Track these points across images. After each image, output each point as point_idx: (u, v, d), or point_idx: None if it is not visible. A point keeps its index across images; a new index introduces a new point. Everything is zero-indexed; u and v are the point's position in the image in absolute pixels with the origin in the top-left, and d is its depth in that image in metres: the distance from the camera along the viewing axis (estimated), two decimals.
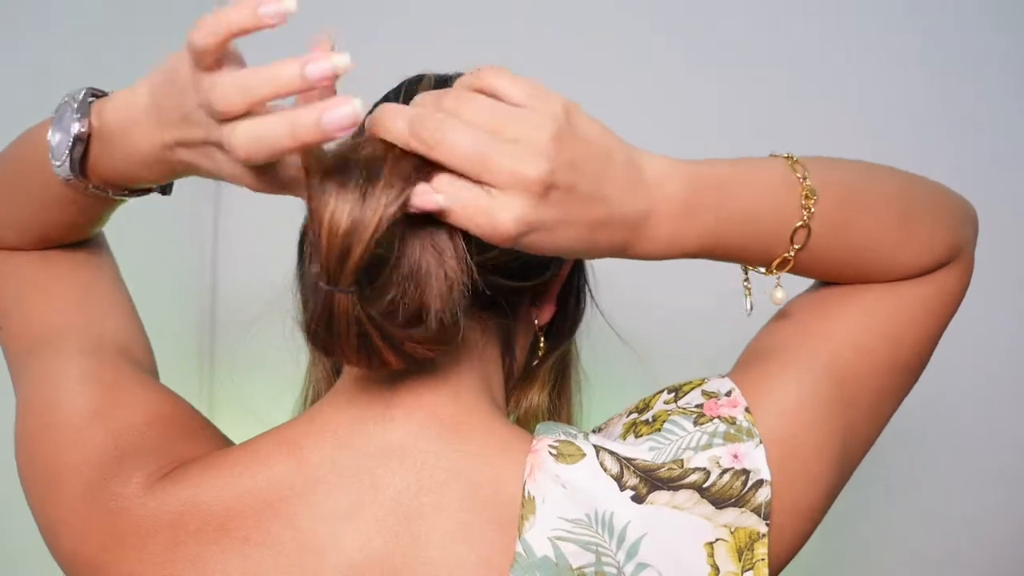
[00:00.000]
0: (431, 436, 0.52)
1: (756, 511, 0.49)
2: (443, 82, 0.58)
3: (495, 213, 0.43)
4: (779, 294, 0.55)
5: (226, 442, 0.58)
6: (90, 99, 0.51)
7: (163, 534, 0.50)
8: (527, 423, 0.65)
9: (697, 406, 0.53)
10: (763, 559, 0.49)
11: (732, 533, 0.49)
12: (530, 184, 0.43)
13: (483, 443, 0.52)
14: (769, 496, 0.50)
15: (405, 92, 0.59)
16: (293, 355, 0.67)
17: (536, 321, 0.61)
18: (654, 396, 0.55)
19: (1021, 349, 1.19)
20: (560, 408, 0.67)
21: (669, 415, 0.52)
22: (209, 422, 0.59)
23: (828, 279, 0.57)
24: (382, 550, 0.50)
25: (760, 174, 0.53)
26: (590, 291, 0.67)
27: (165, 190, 0.56)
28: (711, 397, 0.53)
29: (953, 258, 0.58)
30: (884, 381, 0.56)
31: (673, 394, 0.55)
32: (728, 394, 0.53)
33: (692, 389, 0.54)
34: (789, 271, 0.54)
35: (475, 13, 1.19)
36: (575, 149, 0.45)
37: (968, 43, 1.16)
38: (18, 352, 0.59)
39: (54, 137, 0.51)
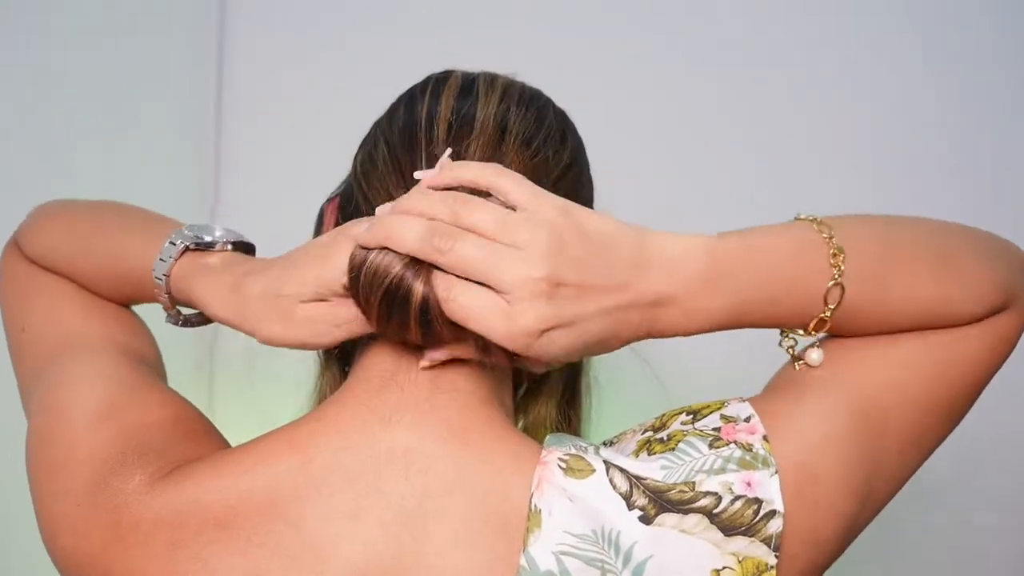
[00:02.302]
0: (439, 441, 0.51)
1: (766, 542, 0.49)
2: (470, 81, 0.59)
3: (512, 317, 0.47)
4: (814, 355, 0.54)
5: (228, 447, 0.58)
6: (229, 244, 0.60)
7: (165, 532, 0.50)
8: (535, 431, 0.64)
9: (714, 429, 0.52)
10: None
11: (740, 562, 0.48)
12: (536, 284, 0.47)
13: (491, 451, 0.52)
14: (780, 528, 0.49)
15: (431, 89, 0.59)
16: (293, 362, 0.67)
17: None
18: (672, 416, 0.54)
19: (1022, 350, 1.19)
20: (570, 418, 0.66)
21: (685, 435, 0.52)
22: (214, 427, 0.59)
23: (867, 335, 0.55)
24: (384, 553, 0.49)
25: (781, 238, 0.53)
26: None
27: (183, 322, 0.63)
28: (729, 421, 0.52)
29: (1007, 303, 0.55)
30: (920, 420, 0.55)
31: (691, 416, 0.53)
32: (747, 420, 0.52)
33: (711, 412, 0.53)
34: (829, 331, 0.54)
35: (475, 13, 1.19)
36: (577, 245, 0.48)
37: (968, 43, 1.16)
38: (41, 356, 0.61)
39: (179, 239, 0.58)
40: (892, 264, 0.54)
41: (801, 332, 0.54)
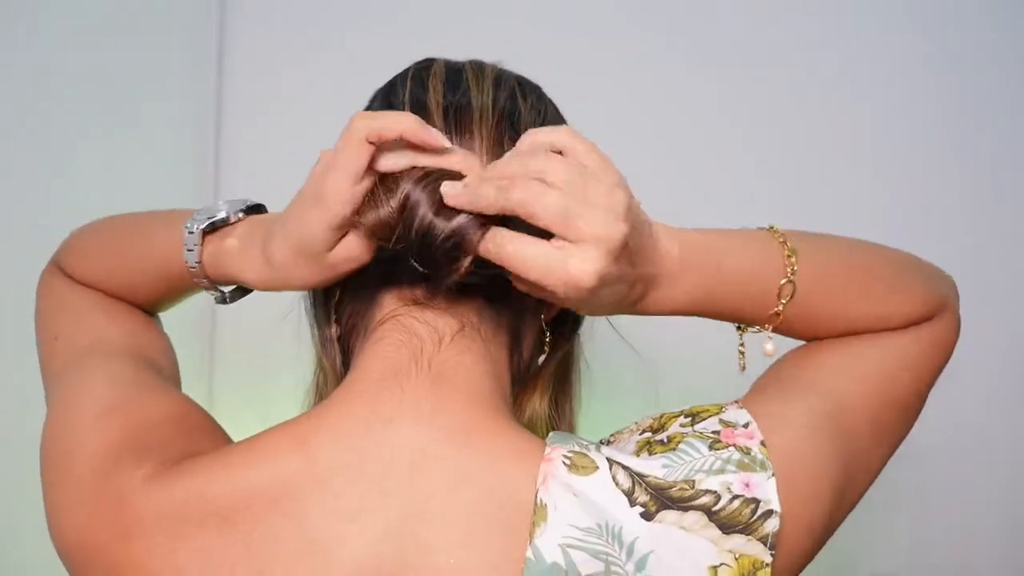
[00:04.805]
0: (442, 439, 0.52)
1: (763, 540, 0.50)
2: (454, 70, 0.59)
3: (573, 267, 0.48)
4: (769, 346, 0.61)
5: None
6: (240, 212, 0.60)
7: (168, 525, 0.50)
8: (532, 426, 0.65)
9: (714, 432, 0.53)
10: None
11: (736, 559, 0.49)
12: (614, 244, 0.48)
13: (495, 448, 0.52)
14: (777, 527, 0.50)
15: (412, 76, 0.59)
16: (291, 359, 0.67)
17: (543, 317, 0.61)
18: (670, 418, 0.56)
19: (1022, 348, 1.19)
20: (562, 415, 0.67)
21: (685, 437, 0.53)
22: (220, 427, 0.59)
23: (816, 336, 0.62)
24: (389, 553, 0.49)
25: (743, 236, 0.59)
26: None
27: (230, 298, 0.64)
28: (728, 426, 0.54)
29: (936, 311, 0.62)
30: (883, 415, 0.60)
31: (690, 419, 0.55)
32: (745, 426, 0.53)
33: (710, 416, 0.55)
34: (778, 330, 0.60)
35: (475, 13, 1.19)
36: (637, 216, 0.51)
37: (968, 43, 1.16)
38: (69, 357, 0.62)
39: (193, 224, 0.59)
40: (836, 266, 0.60)
41: (755, 329, 0.60)
